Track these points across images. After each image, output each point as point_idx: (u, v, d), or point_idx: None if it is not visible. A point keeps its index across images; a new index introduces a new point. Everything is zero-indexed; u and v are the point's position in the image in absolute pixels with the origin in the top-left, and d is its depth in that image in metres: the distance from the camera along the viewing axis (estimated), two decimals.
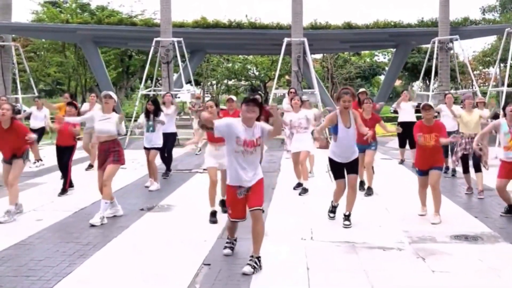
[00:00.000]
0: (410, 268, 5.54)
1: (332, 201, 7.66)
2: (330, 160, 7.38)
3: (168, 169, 11.82)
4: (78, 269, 5.43)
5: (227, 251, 5.98)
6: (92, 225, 7.25)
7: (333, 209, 7.66)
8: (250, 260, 5.46)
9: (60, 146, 9.79)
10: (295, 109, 10.08)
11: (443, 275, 5.31)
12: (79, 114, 9.97)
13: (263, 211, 5.56)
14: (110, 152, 7.69)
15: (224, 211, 7.47)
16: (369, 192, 9.47)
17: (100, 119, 7.80)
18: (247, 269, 5.36)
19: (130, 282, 5.13)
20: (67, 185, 9.68)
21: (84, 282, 5.13)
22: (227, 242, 6.09)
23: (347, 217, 7.29)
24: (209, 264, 5.63)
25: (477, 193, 9.24)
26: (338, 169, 7.32)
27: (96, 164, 8.21)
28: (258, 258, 5.51)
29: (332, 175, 7.62)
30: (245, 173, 5.52)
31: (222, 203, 7.81)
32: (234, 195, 5.61)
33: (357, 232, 6.88)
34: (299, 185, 9.91)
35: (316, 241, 6.54)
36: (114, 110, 8.00)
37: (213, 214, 7.63)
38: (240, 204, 5.63)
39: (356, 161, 7.37)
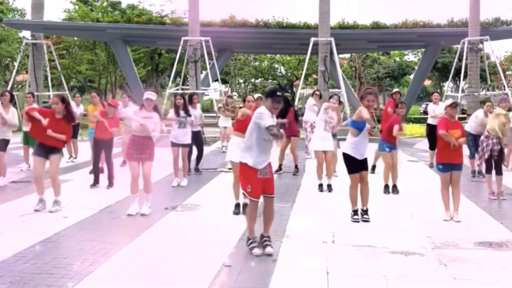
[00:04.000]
0: (431, 274, 5.47)
1: (351, 208, 7.78)
2: (346, 155, 7.67)
3: (196, 168, 12.11)
4: (100, 268, 5.53)
5: (258, 250, 5.98)
6: (143, 214, 7.90)
7: (355, 214, 7.73)
8: (266, 240, 6.04)
9: (98, 139, 10.21)
10: (333, 108, 10.13)
11: (465, 282, 5.24)
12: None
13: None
14: (148, 148, 8.00)
15: (236, 213, 7.91)
16: (395, 190, 9.74)
17: (143, 117, 7.95)
18: (270, 250, 5.96)
19: (150, 282, 5.19)
20: (112, 178, 10.22)
21: (106, 280, 5.21)
22: (252, 242, 6.08)
23: (365, 212, 7.66)
24: (229, 266, 5.67)
25: (497, 195, 9.25)
26: (353, 164, 7.64)
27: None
28: (269, 237, 6.09)
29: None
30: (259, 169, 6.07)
31: (237, 206, 8.09)
32: (255, 174, 6.01)
33: (379, 237, 6.83)
34: (321, 186, 9.95)
35: (337, 244, 6.52)
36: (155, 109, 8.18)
37: (237, 206, 8.03)
38: (259, 183, 6.01)
39: (366, 159, 7.78)
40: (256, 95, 10.16)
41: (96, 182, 10.24)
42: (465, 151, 9.79)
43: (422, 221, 7.74)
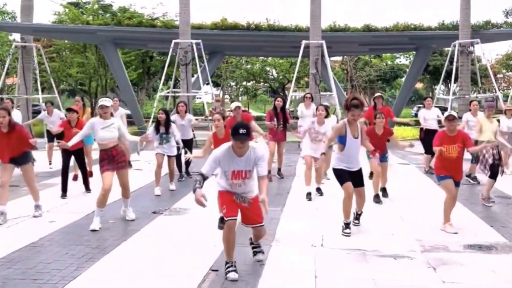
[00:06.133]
0: (420, 278, 5.43)
1: (343, 220, 7.10)
2: (335, 169, 7.17)
3: (186, 172, 12.00)
4: (85, 273, 5.44)
5: (233, 275, 5.36)
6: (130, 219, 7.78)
7: (346, 227, 7.12)
8: (256, 247, 5.99)
9: (67, 150, 9.74)
10: (319, 120, 9.69)
11: (454, 286, 5.20)
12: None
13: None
14: (122, 155, 7.65)
15: (221, 227, 7.22)
16: (384, 193, 9.57)
17: (101, 127, 7.49)
18: (262, 256, 5.94)
19: (136, 287, 5.12)
20: (88, 183, 10.09)
21: (91, 286, 5.13)
22: (230, 267, 5.45)
23: (358, 216, 7.51)
24: (216, 270, 5.60)
25: (485, 198, 9.10)
26: (344, 175, 7.07)
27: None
28: (259, 244, 6.03)
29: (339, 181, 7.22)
30: (236, 193, 5.66)
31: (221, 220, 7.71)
32: (231, 196, 5.61)
33: (368, 240, 6.79)
34: (309, 194, 9.59)
35: (326, 248, 6.47)
36: (112, 115, 7.90)
37: (222, 219, 7.56)
38: (235, 204, 5.60)
39: (361, 173, 7.24)
40: (234, 105, 10.04)
41: (64, 192, 9.64)
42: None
43: (412, 224, 7.70)
